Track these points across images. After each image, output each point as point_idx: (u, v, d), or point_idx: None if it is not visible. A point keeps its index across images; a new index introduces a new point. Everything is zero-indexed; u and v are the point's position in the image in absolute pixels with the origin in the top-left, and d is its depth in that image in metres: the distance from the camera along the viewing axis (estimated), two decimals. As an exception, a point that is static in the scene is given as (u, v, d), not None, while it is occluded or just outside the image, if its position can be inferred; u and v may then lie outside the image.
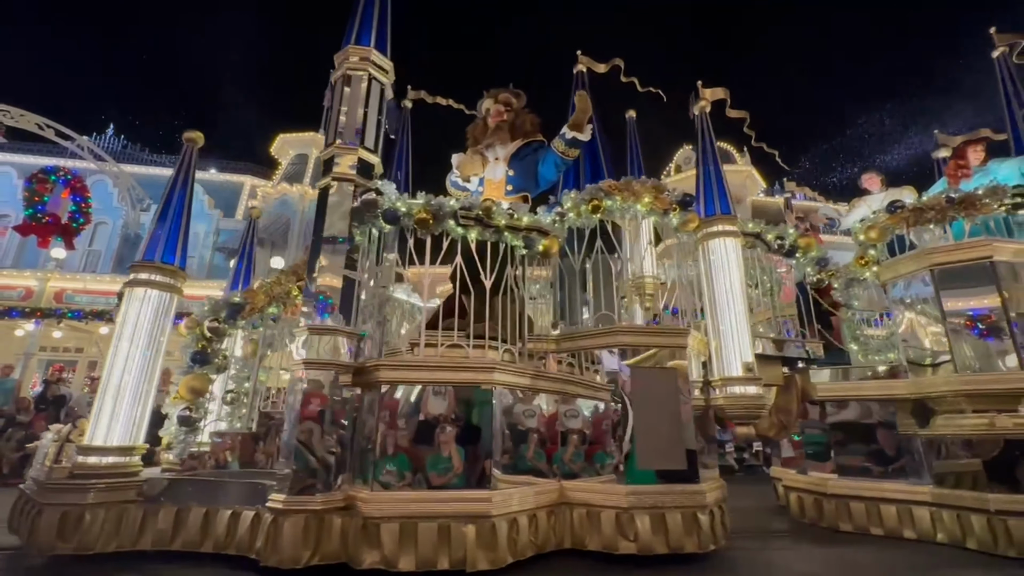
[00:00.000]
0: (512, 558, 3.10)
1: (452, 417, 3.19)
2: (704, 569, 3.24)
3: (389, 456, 3.07)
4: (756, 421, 3.86)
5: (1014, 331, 3.99)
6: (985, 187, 4.30)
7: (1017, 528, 3.67)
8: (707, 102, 4.79)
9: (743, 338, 4.00)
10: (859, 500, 4.52)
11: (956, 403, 4.19)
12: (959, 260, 4.28)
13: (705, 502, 3.41)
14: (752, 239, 5.07)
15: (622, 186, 4.00)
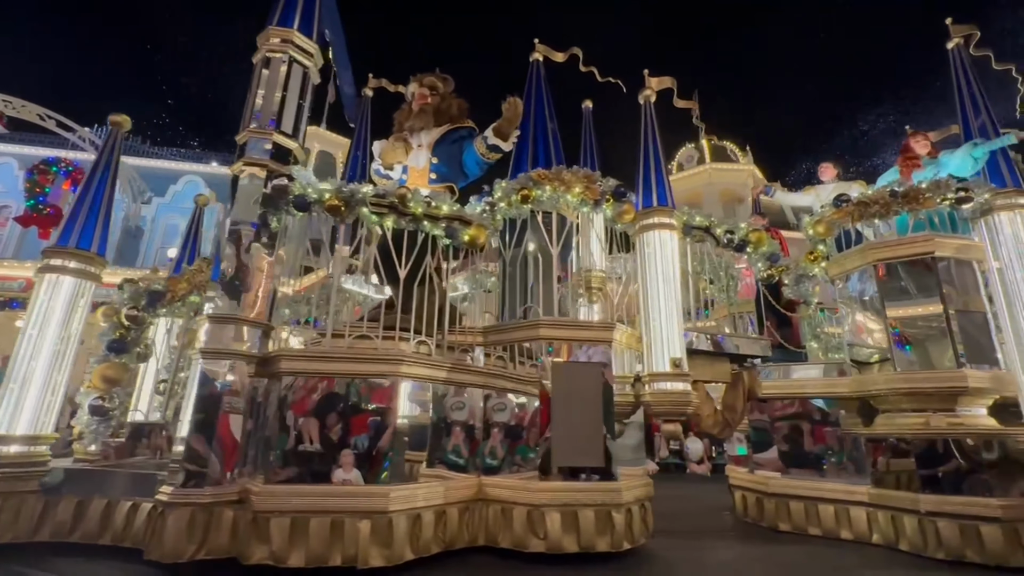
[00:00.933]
0: (413, 555, 3.01)
1: (354, 410, 3.09)
2: (612, 568, 3.15)
3: (285, 449, 2.98)
4: (682, 418, 3.76)
5: (952, 329, 3.88)
6: (929, 181, 4.18)
7: (947, 530, 3.58)
8: (652, 91, 4.67)
9: (674, 333, 3.90)
10: (798, 499, 4.43)
11: (896, 402, 4.09)
12: (901, 255, 4.17)
13: (620, 500, 3.32)
14: (701, 233, 4.96)
15: (552, 175, 3.89)
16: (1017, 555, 3.39)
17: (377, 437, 3.09)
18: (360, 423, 3.08)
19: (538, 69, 5.89)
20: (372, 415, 3.12)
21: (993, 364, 3.87)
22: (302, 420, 3.02)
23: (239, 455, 3.04)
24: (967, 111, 4.47)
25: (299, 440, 3.01)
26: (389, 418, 3.12)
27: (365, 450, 3.05)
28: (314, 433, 3.01)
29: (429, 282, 3.61)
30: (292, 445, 3.01)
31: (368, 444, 3.07)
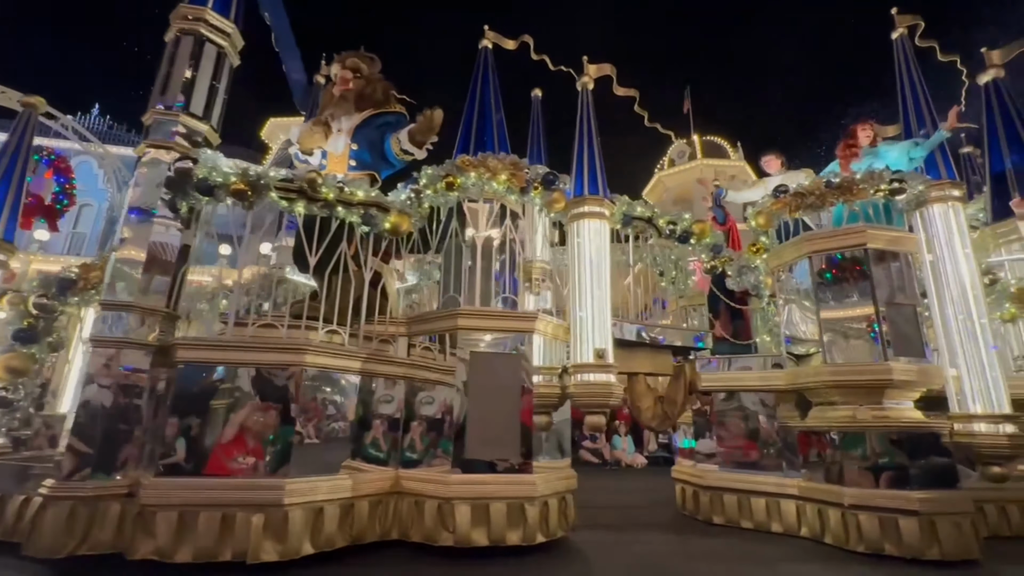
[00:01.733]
0: (313, 549, 2.93)
1: (254, 400, 2.99)
2: (522, 561, 3.09)
3: (177, 441, 2.88)
4: (605, 410, 3.70)
5: (880, 321, 3.85)
6: (863, 172, 4.13)
7: (867, 523, 3.55)
8: (590, 79, 4.58)
9: (602, 324, 3.83)
10: (732, 492, 4.41)
11: (827, 395, 4.06)
12: (834, 247, 4.13)
13: (534, 494, 3.26)
14: (643, 224, 4.90)
15: (477, 162, 3.79)
16: (933, 548, 3.37)
17: (277, 428, 3.00)
18: (259, 414, 2.99)
19: (487, 56, 5.78)
20: (273, 406, 3.02)
21: (921, 357, 3.84)
22: (196, 411, 2.92)
23: (129, 447, 2.93)
24: (907, 104, 4.42)
25: (192, 431, 2.91)
26: (291, 409, 3.03)
27: (263, 442, 2.96)
28: (209, 424, 2.91)
29: (345, 270, 3.50)
30: (185, 436, 2.90)
31: (267, 435, 2.98)
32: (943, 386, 3.87)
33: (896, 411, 3.76)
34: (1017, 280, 4.76)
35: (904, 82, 4.48)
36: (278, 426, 3.01)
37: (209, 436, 2.91)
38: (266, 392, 3.04)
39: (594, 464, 9.10)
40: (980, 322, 3.82)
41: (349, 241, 3.54)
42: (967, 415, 3.72)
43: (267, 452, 2.95)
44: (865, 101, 38.28)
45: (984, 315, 3.86)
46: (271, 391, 3.05)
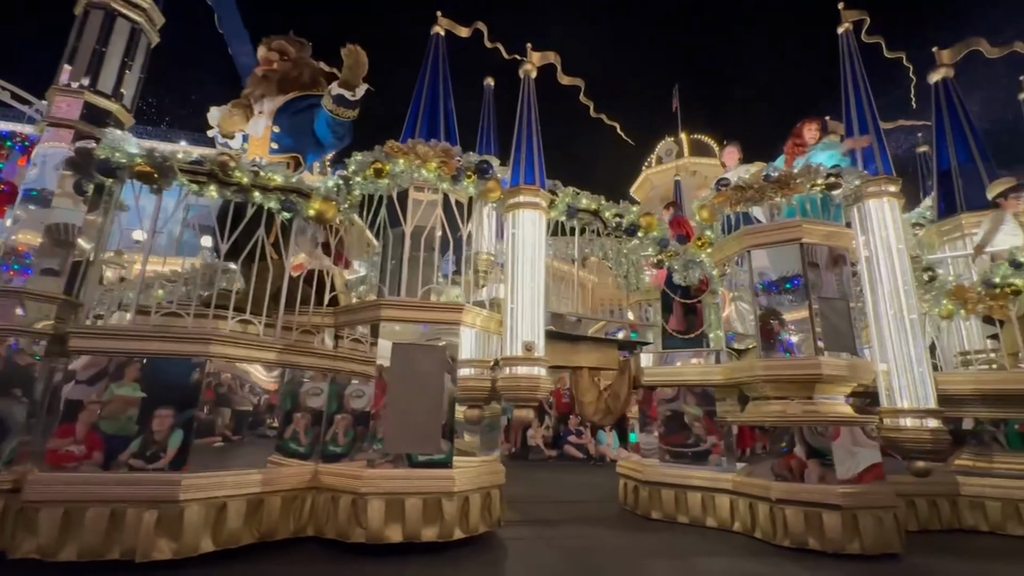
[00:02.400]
0: (214, 546, 2.82)
1: (152, 392, 2.86)
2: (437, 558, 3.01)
3: (66, 434, 2.74)
4: (534, 403, 3.63)
5: (813, 315, 3.83)
6: (800, 167, 4.12)
7: (793, 517, 3.55)
8: (532, 66, 4.48)
9: (535, 317, 3.75)
10: (669, 487, 4.39)
11: (762, 389, 4.04)
12: (772, 241, 4.11)
13: (452, 488, 3.18)
14: (589, 216, 4.83)
15: (407, 149, 3.68)
16: (854, 543, 3.38)
17: (177, 421, 2.87)
18: (158, 406, 2.85)
19: (438, 43, 5.65)
20: (174, 398, 2.89)
21: (852, 352, 3.84)
22: (90, 403, 2.78)
23: (17, 440, 2.78)
24: (850, 101, 4.40)
25: (85, 424, 2.77)
26: (193, 402, 2.90)
27: (161, 435, 2.83)
28: (102, 417, 2.77)
29: (263, 258, 3.37)
30: (77, 429, 2.76)
31: (166, 429, 2.85)
32: (874, 381, 3.87)
33: (826, 406, 3.75)
34: (955, 277, 4.80)
35: (848, 79, 4.46)
36: (178, 419, 2.88)
37: (102, 429, 2.77)
38: (166, 383, 2.91)
39: (579, 459, 9.08)
40: (910, 317, 3.83)
41: (268, 228, 3.41)
42: (895, 410, 3.73)
43: (166, 446, 2.82)
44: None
45: (915, 311, 3.87)
46: (172, 382, 2.92)
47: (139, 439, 2.80)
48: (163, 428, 2.83)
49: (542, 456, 9.10)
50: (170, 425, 2.85)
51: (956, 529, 4.25)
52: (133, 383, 2.85)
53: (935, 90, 6.02)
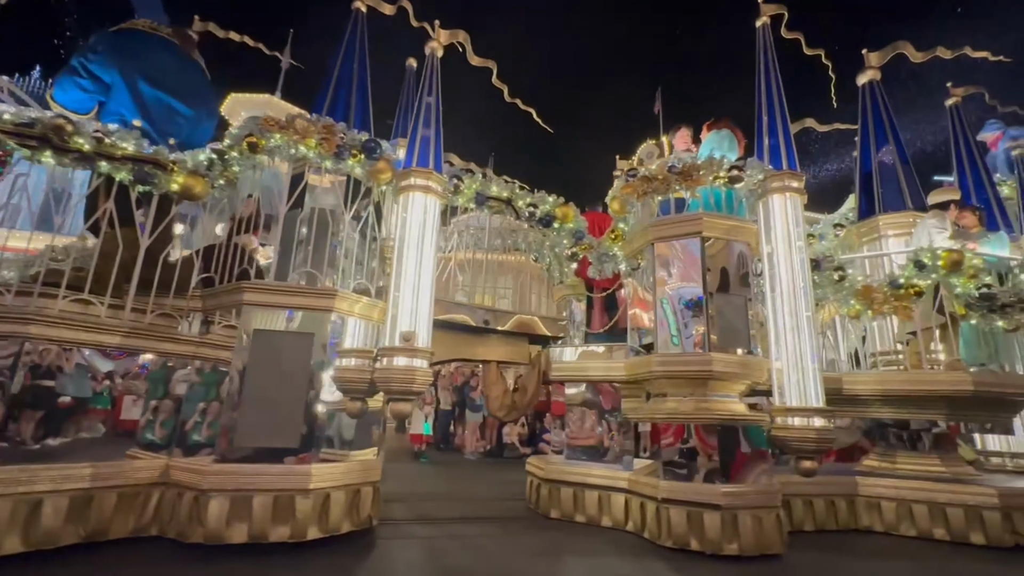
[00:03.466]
0: (24, 546, 2.57)
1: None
2: (279, 561, 2.80)
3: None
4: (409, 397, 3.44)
5: (708, 311, 3.74)
6: (703, 159, 4.02)
7: (676, 517, 3.45)
8: (439, 45, 4.29)
9: (419, 306, 3.56)
10: (568, 485, 4.25)
11: (661, 386, 3.94)
12: (674, 234, 4.01)
13: (307, 485, 2.97)
14: (499, 204, 4.66)
15: (285, 123, 3.45)
16: (732, 543, 3.30)
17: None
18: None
19: (358, 19, 5.39)
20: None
21: (746, 349, 3.77)
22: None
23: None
24: (761, 95, 4.32)
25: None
26: (5, 387, 2.63)
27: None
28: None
29: (109, 234, 3.10)
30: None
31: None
32: (768, 379, 3.80)
33: (719, 403, 3.67)
34: (864, 277, 4.79)
35: (762, 73, 4.38)
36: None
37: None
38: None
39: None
40: (805, 315, 3.77)
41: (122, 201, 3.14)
42: (784, 408, 3.66)
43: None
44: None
45: (810, 308, 3.82)
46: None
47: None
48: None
49: (517, 454, 8.75)
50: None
51: (852, 529, 4.24)
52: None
53: (862, 92, 6.04)
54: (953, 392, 4.19)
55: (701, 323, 3.78)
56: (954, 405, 4.33)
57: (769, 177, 4.01)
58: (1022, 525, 3.88)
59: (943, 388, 4.22)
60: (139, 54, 3.83)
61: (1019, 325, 4.37)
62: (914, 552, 3.70)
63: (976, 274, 4.33)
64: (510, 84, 5.89)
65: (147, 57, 3.85)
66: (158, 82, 3.82)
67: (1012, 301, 4.37)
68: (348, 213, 3.81)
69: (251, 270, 3.65)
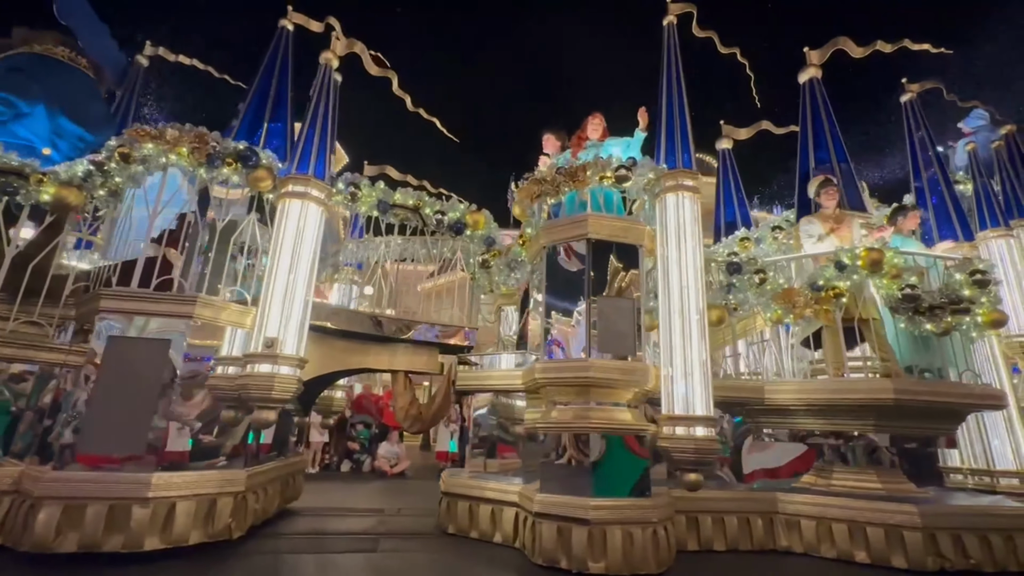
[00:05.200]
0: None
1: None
2: (101, 573, 2.74)
3: None
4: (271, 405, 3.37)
5: (590, 315, 3.59)
6: (591, 160, 3.91)
7: (547, 532, 3.27)
8: (333, 55, 4.33)
9: (290, 312, 3.52)
10: (464, 499, 4.10)
11: (549, 394, 3.78)
12: (563, 237, 3.89)
13: (146, 494, 2.92)
14: (405, 212, 4.64)
15: (156, 133, 3.51)
16: (600, 562, 3.09)
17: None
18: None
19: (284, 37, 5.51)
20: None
21: (632, 354, 3.59)
22: None
23: None
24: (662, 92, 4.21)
25: None
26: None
27: None
28: None
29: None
30: None
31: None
32: (655, 386, 3.60)
33: (602, 412, 3.48)
34: (785, 280, 4.55)
35: (665, 69, 4.28)
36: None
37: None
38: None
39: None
40: (694, 318, 3.58)
41: None
42: (667, 417, 3.45)
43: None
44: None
45: (699, 311, 3.62)
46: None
47: None
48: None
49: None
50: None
51: (770, 550, 3.94)
52: None
53: (803, 91, 5.85)
54: (873, 401, 3.90)
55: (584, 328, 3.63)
56: (882, 415, 4.02)
57: (663, 176, 3.87)
58: (948, 547, 3.54)
59: (862, 396, 3.93)
60: (61, 89, 4.04)
61: (948, 328, 4.07)
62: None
63: (899, 274, 4.06)
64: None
65: (68, 91, 4.06)
66: (75, 115, 4.02)
67: (942, 303, 4.08)
68: (249, 223, 3.84)
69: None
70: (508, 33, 40.66)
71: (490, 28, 39.73)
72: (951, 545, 3.54)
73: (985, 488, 4.82)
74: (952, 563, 3.52)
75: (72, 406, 3.31)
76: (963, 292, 4.11)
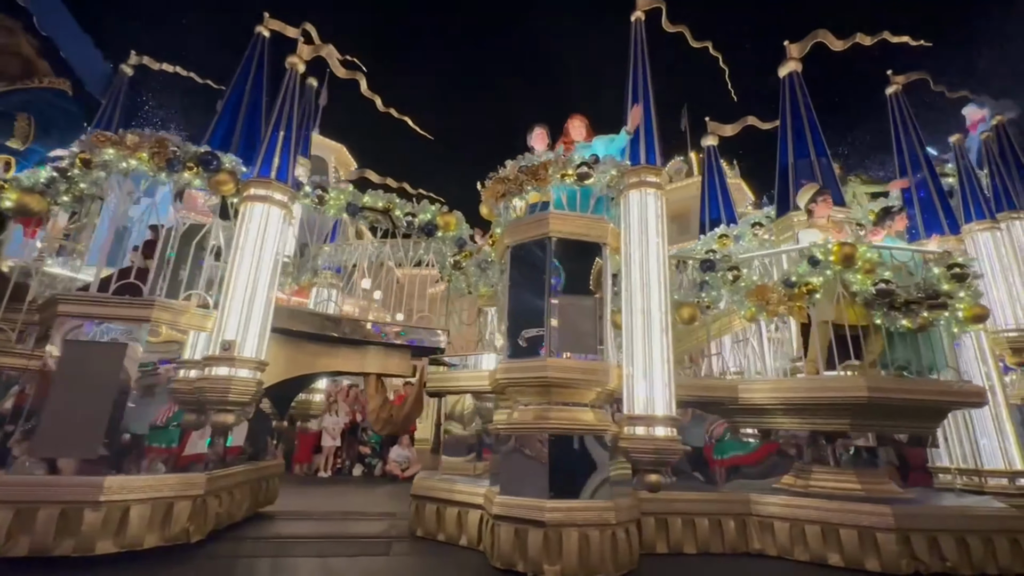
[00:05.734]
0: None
1: None
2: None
3: None
4: (229, 408, 3.36)
5: (549, 315, 3.55)
6: (549, 157, 3.87)
7: (505, 534, 3.22)
8: (299, 60, 4.35)
9: (253, 316, 3.53)
10: (432, 501, 4.06)
11: (513, 394, 3.74)
12: (526, 237, 3.84)
13: (97, 498, 2.93)
14: (375, 215, 4.63)
15: (116, 139, 3.54)
16: (555, 565, 3.03)
17: None
18: None
19: (260, 43, 5.55)
20: None
21: (591, 354, 3.54)
22: None
23: None
24: (628, 86, 4.16)
25: None
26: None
27: None
28: None
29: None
30: None
31: None
32: (618, 385, 3.54)
33: (560, 412, 3.43)
34: (759, 277, 4.47)
35: (632, 64, 4.23)
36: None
37: None
38: None
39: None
40: (656, 315, 3.51)
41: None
42: (628, 417, 3.39)
43: None
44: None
45: (665, 308, 3.56)
46: None
47: None
48: None
49: None
50: None
51: (743, 553, 3.85)
52: None
53: (783, 85, 5.76)
54: (846, 399, 3.81)
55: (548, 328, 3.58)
56: (857, 414, 3.92)
57: (626, 173, 3.82)
58: (922, 550, 3.44)
59: (835, 395, 3.84)
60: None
61: (925, 324, 3.96)
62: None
63: (872, 268, 3.96)
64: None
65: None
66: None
67: (918, 298, 3.97)
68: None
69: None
70: (505, 32, 40.75)
71: (486, 23, 39.72)
72: (926, 547, 3.44)
73: (973, 488, 4.67)
74: (927, 566, 3.41)
75: (31, 411, 3.34)
76: (941, 286, 4.01)
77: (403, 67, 37.10)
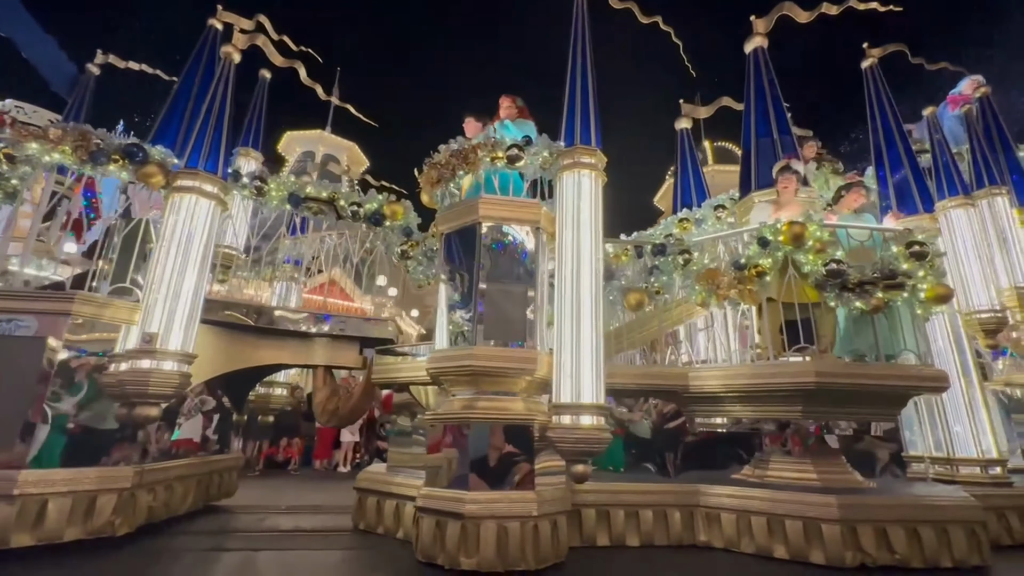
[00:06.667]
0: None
1: None
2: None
3: None
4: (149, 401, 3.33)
5: (477, 301, 3.45)
6: (481, 139, 3.76)
7: (426, 527, 3.15)
8: (234, 49, 4.29)
9: (178, 308, 3.49)
10: (373, 494, 4.01)
11: (452, 384, 3.65)
12: (457, 223, 3.74)
13: (11, 491, 2.93)
14: (318, 205, 4.57)
15: (38, 132, 3.52)
16: (472, 558, 2.95)
17: None
18: None
19: (212, 36, 5.51)
20: None
21: (521, 341, 3.43)
22: None
23: None
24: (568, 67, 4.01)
25: None
26: None
27: None
28: None
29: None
30: None
31: None
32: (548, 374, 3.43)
33: (487, 402, 3.33)
34: (712, 260, 4.29)
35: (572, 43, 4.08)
36: None
37: None
38: None
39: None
40: (586, 301, 3.39)
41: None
42: (555, 405, 3.28)
43: None
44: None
45: (596, 293, 3.43)
46: None
47: None
48: None
49: None
50: None
51: (689, 545, 3.73)
52: None
53: (747, 61, 5.55)
54: (795, 385, 3.64)
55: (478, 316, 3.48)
56: (809, 400, 3.75)
57: (560, 155, 3.69)
58: (869, 542, 3.28)
59: (784, 381, 3.68)
60: None
61: (879, 306, 3.76)
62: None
63: (823, 248, 3.78)
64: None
65: None
66: None
67: (873, 278, 3.78)
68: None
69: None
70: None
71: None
72: (873, 539, 3.28)
73: (944, 477, 4.46)
74: (874, 558, 3.25)
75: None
76: (900, 266, 3.81)
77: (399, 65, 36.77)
